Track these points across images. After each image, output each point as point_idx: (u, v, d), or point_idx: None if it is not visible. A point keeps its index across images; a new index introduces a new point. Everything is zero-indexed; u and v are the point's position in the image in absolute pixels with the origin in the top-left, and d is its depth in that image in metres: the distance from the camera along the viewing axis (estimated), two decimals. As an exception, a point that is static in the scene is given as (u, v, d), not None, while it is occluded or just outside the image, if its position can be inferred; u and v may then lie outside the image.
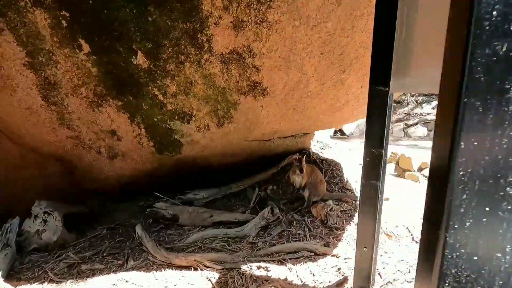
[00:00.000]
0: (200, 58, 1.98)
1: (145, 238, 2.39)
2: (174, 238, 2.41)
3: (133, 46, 1.98)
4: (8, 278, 2.06)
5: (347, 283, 1.56)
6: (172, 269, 1.98)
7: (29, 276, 2.16)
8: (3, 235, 2.46)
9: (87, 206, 3.27)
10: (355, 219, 2.22)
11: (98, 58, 2.07)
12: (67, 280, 2.03)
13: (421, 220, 1.85)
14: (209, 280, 1.80)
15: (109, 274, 2.04)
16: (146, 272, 2.00)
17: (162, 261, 2.07)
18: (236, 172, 3.23)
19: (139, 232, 2.51)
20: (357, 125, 6.23)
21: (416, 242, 1.84)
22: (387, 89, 1.17)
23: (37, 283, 2.02)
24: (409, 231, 1.94)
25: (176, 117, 2.43)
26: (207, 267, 1.91)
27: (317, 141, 4.13)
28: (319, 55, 1.69)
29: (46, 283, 2.01)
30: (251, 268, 1.84)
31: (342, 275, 1.64)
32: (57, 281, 2.01)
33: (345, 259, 1.80)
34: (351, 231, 2.09)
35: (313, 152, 3.67)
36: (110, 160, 2.95)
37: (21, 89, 2.24)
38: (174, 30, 1.88)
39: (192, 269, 1.94)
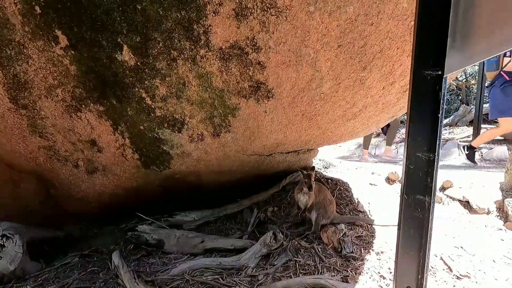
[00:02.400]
0: (196, 54, 1.71)
1: (121, 269, 1.98)
2: (157, 269, 2.00)
3: (118, 40, 1.71)
4: None
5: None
6: (151, 310, 1.57)
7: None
8: (-52, 264, 2.03)
9: (64, 230, 2.85)
10: (375, 246, 1.86)
11: (77, 53, 1.79)
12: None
13: (456, 249, 1.48)
14: (198, 326, 1.40)
15: (72, 316, 1.62)
16: (118, 313, 1.58)
17: (139, 299, 1.66)
18: (232, 192, 2.88)
19: (115, 260, 2.10)
20: (358, 144, 5.99)
21: (457, 277, 1.49)
22: (439, 72, 0.89)
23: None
24: (445, 263, 1.59)
25: (166, 125, 2.12)
26: (196, 308, 1.51)
27: (319, 160, 3.83)
28: (337, 47, 1.43)
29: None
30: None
31: (371, 322, 1.27)
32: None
33: (370, 298, 1.42)
34: (372, 262, 1.72)
35: (316, 171, 3.36)
36: (89, 176, 2.58)
37: (-16, 88, 1.93)
38: (166, 20, 1.62)
39: (177, 310, 1.53)
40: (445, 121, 5.86)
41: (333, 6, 1.31)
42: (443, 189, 2.41)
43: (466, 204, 2.17)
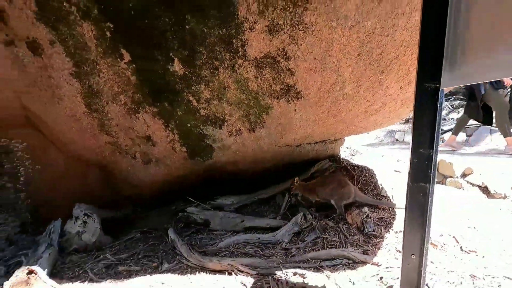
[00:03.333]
0: (234, 63, 2.01)
1: (178, 242, 2.41)
2: (206, 243, 2.42)
3: (170, 54, 2.06)
4: (51, 276, 2.15)
5: (392, 292, 1.47)
6: (206, 272, 1.98)
7: (71, 275, 2.25)
8: (47, 236, 2.60)
9: (122, 211, 3.40)
10: (395, 227, 2.11)
11: (137, 66, 2.17)
12: (106, 280, 2.09)
13: (469, 229, 1.72)
14: (244, 285, 1.78)
15: (145, 275, 2.08)
16: (181, 275, 2.01)
17: (196, 264, 2.07)
18: (265, 179, 3.22)
19: (171, 236, 2.55)
20: (387, 131, 6.01)
21: (466, 252, 1.70)
22: (438, 85, 1.12)
23: (78, 281, 2.10)
24: (457, 241, 1.80)
25: (209, 122, 2.47)
26: (241, 271, 1.89)
27: (347, 148, 4.02)
28: (357, 55, 1.65)
29: (86, 282, 2.08)
30: (286, 274, 1.80)
31: (385, 285, 1.55)
32: (96, 280, 2.08)
33: (386, 267, 1.70)
34: (391, 239, 1.98)
35: (343, 159, 3.58)
36: (144, 166, 3.05)
37: (67, 98, 2.40)
38: (209, 37, 1.93)
39: (226, 273, 1.92)
40: None
41: (353, 21, 1.53)
42: (464, 175, 2.54)
43: (484, 190, 2.30)
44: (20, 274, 1.80)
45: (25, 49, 2.14)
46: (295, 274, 1.78)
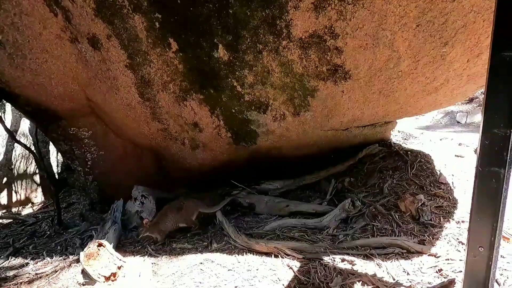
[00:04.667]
0: (278, 45, 1.96)
1: (225, 224, 2.52)
2: (252, 225, 2.48)
3: (215, 40, 2.08)
4: (116, 249, 2.42)
5: (454, 286, 1.35)
6: (253, 254, 2.04)
7: (132, 249, 2.50)
8: (112, 214, 2.91)
9: (173, 193, 3.64)
10: (456, 216, 1.92)
11: (184, 55, 2.24)
12: (163, 255, 2.28)
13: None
14: (291, 268, 1.79)
15: (196, 253, 2.22)
16: (229, 254, 2.10)
17: (243, 245, 2.14)
18: (310, 164, 3.16)
19: (219, 218, 2.66)
20: (445, 112, 5.43)
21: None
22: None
23: (139, 255, 2.33)
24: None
25: (253, 107, 2.48)
26: (288, 255, 1.90)
27: (398, 131, 3.74)
28: (415, 27, 1.49)
29: (146, 256, 2.29)
30: (334, 260, 1.77)
31: (445, 277, 1.43)
32: (155, 255, 2.27)
33: (446, 259, 1.57)
34: (451, 229, 1.81)
35: (394, 143, 3.34)
36: (192, 151, 3.20)
37: (123, 88, 2.59)
38: (253, 19, 1.89)
39: (273, 256, 1.96)
40: None
41: (412, -12, 1.37)
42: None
43: None
44: (92, 246, 2.05)
45: (87, 44, 2.34)
46: (343, 260, 1.74)
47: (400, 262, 1.64)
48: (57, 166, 6.32)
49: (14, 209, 5.67)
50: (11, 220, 4.12)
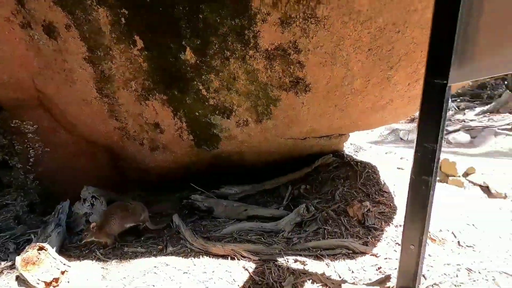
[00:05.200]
0: (245, 54, 2.04)
1: (182, 227, 2.48)
2: (210, 229, 2.49)
3: (183, 42, 2.09)
4: (60, 254, 2.24)
5: (389, 281, 1.52)
6: (209, 256, 2.04)
7: (78, 254, 2.33)
8: (56, 216, 2.68)
9: (129, 195, 3.48)
10: (395, 221, 2.15)
11: (149, 53, 2.21)
12: (112, 260, 2.17)
13: (468, 226, 1.76)
14: (246, 269, 1.84)
15: (149, 257, 2.15)
16: (185, 258, 2.08)
17: (199, 248, 2.14)
18: (269, 170, 3.27)
19: (176, 221, 2.62)
20: (391, 129, 6.03)
21: (464, 247, 1.75)
22: (445, 81, 1.15)
23: (86, 260, 2.18)
24: (455, 236, 1.85)
25: (217, 112, 2.51)
26: (244, 257, 1.95)
27: (351, 144, 4.06)
28: (367, 51, 1.68)
29: (94, 261, 2.16)
30: (287, 261, 1.86)
31: (383, 274, 1.61)
32: (104, 259, 2.15)
33: (385, 259, 1.75)
34: (390, 232, 2.03)
35: (346, 154, 3.61)
36: (151, 152, 3.11)
37: (79, 81, 2.44)
38: (222, 27, 1.96)
39: (229, 258, 1.99)
40: (484, 108, 5.65)
41: (365, 17, 1.56)
42: (466, 174, 2.57)
43: (485, 189, 2.34)
44: (30, 250, 1.88)
45: (41, 32, 2.18)
46: (296, 261, 1.84)
47: (346, 261, 1.79)
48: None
49: None
50: None
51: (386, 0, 1.46)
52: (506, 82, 5.60)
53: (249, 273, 1.79)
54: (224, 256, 2.01)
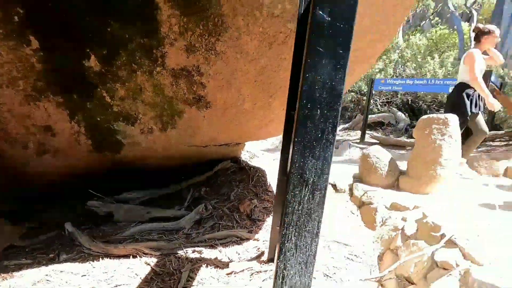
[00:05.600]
0: (153, 69, 2.26)
1: (76, 234, 2.44)
2: (110, 233, 2.53)
3: (88, 50, 2.14)
4: None
5: (263, 256, 2.04)
6: (110, 258, 2.13)
7: None
8: None
9: (18, 202, 3.05)
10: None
11: (46, 55, 2.14)
12: (-10, 276, 1.97)
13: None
14: (148, 264, 2.05)
15: (39, 267, 2.07)
16: (81, 263, 2.10)
17: (99, 252, 2.19)
18: (173, 175, 3.48)
19: (69, 228, 2.53)
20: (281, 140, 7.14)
21: (315, 228, 2.49)
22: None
23: (-49, 279, 1.91)
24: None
25: (121, 119, 2.60)
26: (146, 253, 2.14)
27: (247, 151, 4.66)
28: (254, 82, 2.19)
29: (-37, 279, 1.92)
30: (186, 253, 2.16)
31: (260, 251, 2.12)
32: (-23, 276, 1.94)
33: (263, 241, 2.28)
34: (269, 222, 2.60)
35: (242, 160, 4.17)
36: (38, 156, 2.86)
37: None
38: (130, 43, 2.13)
39: (131, 257, 2.14)
40: (345, 126, 7.45)
41: (252, 57, 2.06)
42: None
43: (333, 186, 3.27)
44: None
45: None
46: (194, 251, 2.17)
47: (235, 247, 2.23)
48: None
49: None
50: None
51: (266, 48, 1.99)
52: (360, 106, 7.50)
53: (151, 266, 2.01)
54: (126, 256, 2.15)
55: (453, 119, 2.67)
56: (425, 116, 2.82)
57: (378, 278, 1.80)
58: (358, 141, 6.02)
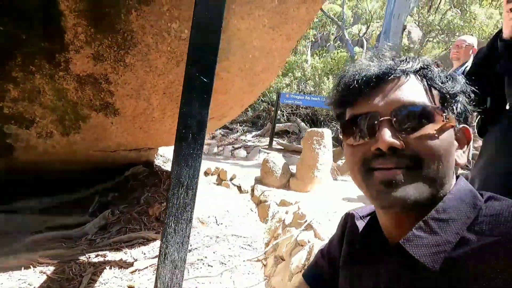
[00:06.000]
0: (55, 73, 2.22)
1: (-51, 250, 2.16)
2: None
3: (-28, 47, 1.97)
4: None
5: (168, 252, 2.25)
6: (-4, 272, 2.00)
7: None
8: None
9: None
10: (182, 214, 2.98)
11: None
12: None
13: (224, 211, 2.84)
14: (44, 273, 2.00)
15: None
16: (-43, 281, 1.91)
17: (-20, 267, 2.02)
18: (81, 181, 3.31)
19: None
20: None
21: (219, 224, 2.80)
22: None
23: None
24: (216, 219, 2.88)
25: (13, 122, 2.41)
26: (42, 263, 2.08)
27: (161, 156, 4.72)
28: (162, 94, 2.39)
29: None
30: (89, 258, 2.19)
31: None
32: None
33: (170, 240, 2.48)
34: (177, 222, 2.81)
35: (156, 165, 4.23)
36: None
37: None
38: (28, 45, 2.06)
39: (23, 268, 2.04)
40: (257, 132, 8.21)
41: (161, 72, 2.26)
42: (231, 179, 3.89)
43: (239, 188, 3.70)
44: None
45: None
46: (97, 255, 2.21)
47: (141, 248, 2.36)
48: None
49: None
50: None
51: (173, 65, 2.23)
52: (270, 115, 8.34)
53: (47, 275, 1.98)
54: (18, 268, 2.04)
55: (327, 133, 3.43)
56: (309, 129, 3.52)
57: (257, 258, 2.24)
58: (267, 147, 6.73)
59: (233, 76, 2.53)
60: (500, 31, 1.06)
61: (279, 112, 7.75)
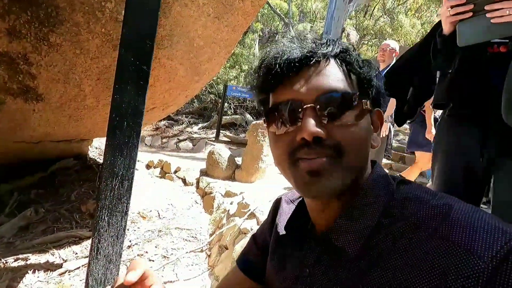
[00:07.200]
0: (-47, 47, 1.86)
1: None
2: None
3: None
4: None
5: (103, 250, 2.10)
6: None
7: None
8: None
9: None
10: (121, 209, 2.80)
11: None
12: None
13: (168, 205, 2.76)
14: None
15: None
16: None
17: None
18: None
19: None
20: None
21: (162, 218, 2.71)
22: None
23: None
24: (158, 212, 2.78)
25: None
26: None
27: (96, 148, 4.34)
28: (96, 79, 2.19)
29: None
30: (6, 263, 1.93)
31: (102, 248, 2.16)
32: None
33: (106, 237, 2.32)
34: (115, 218, 2.64)
35: (90, 158, 3.87)
36: None
37: None
38: None
39: None
40: (204, 124, 8.08)
41: (94, 55, 2.06)
42: (175, 172, 3.78)
43: (183, 180, 3.62)
44: None
45: None
46: (16, 259, 1.96)
47: (72, 247, 2.16)
48: None
49: None
50: None
51: (109, 49, 2.06)
52: (217, 108, 8.27)
53: (-50, 286, 1.69)
54: None
55: (270, 125, 3.52)
56: (254, 122, 3.59)
57: (201, 249, 2.25)
58: (213, 139, 6.65)
59: (176, 64, 2.44)
60: (435, 29, 1.09)
61: (226, 104, 7.72)
